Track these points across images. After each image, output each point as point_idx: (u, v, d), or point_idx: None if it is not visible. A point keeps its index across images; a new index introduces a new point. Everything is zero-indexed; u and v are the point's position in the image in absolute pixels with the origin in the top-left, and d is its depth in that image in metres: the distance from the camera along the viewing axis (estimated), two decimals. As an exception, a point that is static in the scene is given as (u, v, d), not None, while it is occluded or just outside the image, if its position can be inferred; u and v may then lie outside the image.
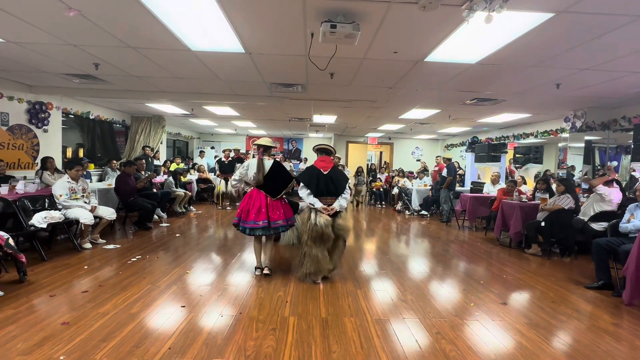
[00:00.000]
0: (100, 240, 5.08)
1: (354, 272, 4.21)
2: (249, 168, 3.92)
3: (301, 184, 3.78)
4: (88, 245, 4.76)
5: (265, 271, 3.91)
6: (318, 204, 3.68)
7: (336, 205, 3.72)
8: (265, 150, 3.96)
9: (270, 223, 3.82)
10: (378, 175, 11.95)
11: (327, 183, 3.75)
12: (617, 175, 6.02)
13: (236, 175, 4.04)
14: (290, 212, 4.04)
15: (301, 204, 5.00)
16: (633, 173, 6.11)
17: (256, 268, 3.98)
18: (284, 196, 4.04)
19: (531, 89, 5.26)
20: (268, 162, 3.92)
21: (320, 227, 3.60)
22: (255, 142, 4.06)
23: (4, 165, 5.39)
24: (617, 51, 3.60)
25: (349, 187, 3.99)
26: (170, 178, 8.14)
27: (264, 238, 4.01)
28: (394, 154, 14.47)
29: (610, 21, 2.92)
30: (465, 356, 2.42)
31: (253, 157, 4.08)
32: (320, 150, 4.01)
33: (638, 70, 4.21)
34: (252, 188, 3.95)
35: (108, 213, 5.10)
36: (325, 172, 3.80)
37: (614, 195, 4.69)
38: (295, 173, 12.71)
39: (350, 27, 2.89)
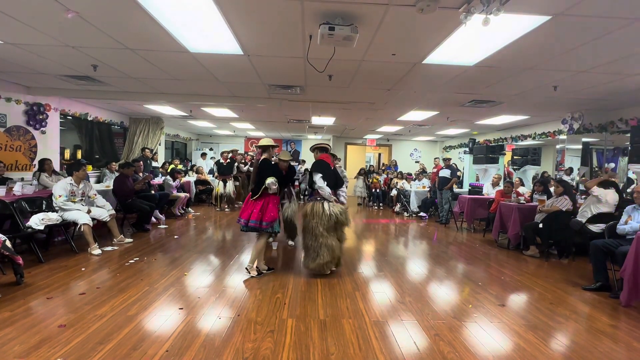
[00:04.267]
0: (127, 240, 5.25)
1: (353, 273, 4.21)
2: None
3: (320, 175, 3.95)
4: (97, 252, 4.59)
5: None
6: (341, 195, 4.14)
7: (344, 200, 4.24)
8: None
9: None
10: (374, 174, 11.93)
11: (336, 176, 4.12)
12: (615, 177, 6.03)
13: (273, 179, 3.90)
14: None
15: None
16: (630, 175, 6.13)
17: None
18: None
19: (529, 91, 5.28)
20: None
21: (335, 215, 3.90)
22: (264, 145, 4.11)
23: (2, 166, 5.37)
24: (614, 54, 3.62)
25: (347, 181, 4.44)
26: (168, 177, 8.12)
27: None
28: (393, 156, 14.48)
29: (607, 24, 2.94)
30: (464, 358, 2.42)
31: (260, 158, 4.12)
32: (320, 149, 4.33)
33: (636, 73, 4.23)
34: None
35: (103, 214, 5.01)
36: (332, 168, 4.14)
37: (609, 196, 4.71)
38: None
39: (348, 30, 2.90)
